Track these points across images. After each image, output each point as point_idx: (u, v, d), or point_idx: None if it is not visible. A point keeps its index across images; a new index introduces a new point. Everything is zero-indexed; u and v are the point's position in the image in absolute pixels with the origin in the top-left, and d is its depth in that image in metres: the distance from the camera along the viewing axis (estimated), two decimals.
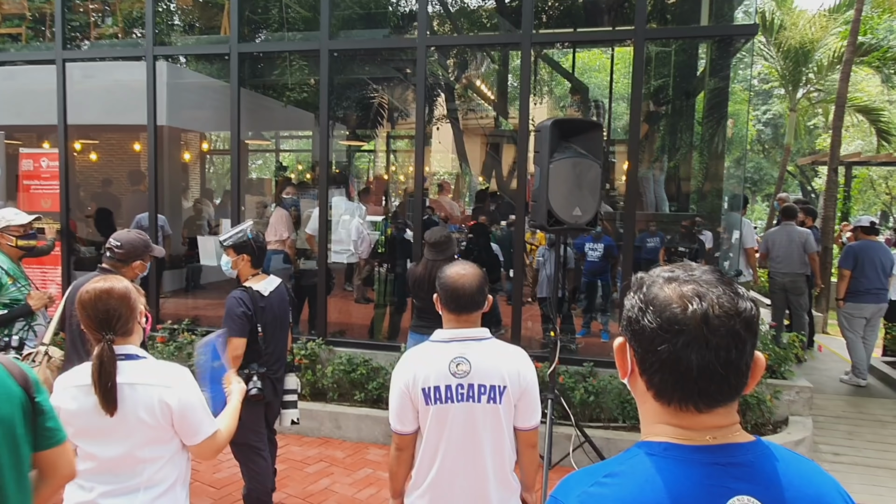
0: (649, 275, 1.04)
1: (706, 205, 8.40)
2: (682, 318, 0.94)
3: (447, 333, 2.30)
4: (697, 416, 0.97)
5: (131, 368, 2.03)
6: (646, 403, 1.02)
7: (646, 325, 0.97)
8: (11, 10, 8.61)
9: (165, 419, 2.02)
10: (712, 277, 0.99)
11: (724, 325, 0.93)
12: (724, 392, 0.95)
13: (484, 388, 2.20)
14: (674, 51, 9.04)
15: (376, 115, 12.29)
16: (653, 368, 0.97)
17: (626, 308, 1.03)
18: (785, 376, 5.41)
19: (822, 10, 13.63)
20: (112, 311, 2.03)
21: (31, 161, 6.64)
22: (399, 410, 2.27)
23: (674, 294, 0.97)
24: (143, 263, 3.33)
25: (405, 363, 2.29)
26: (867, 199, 20.54)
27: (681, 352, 0.93)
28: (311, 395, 5.58)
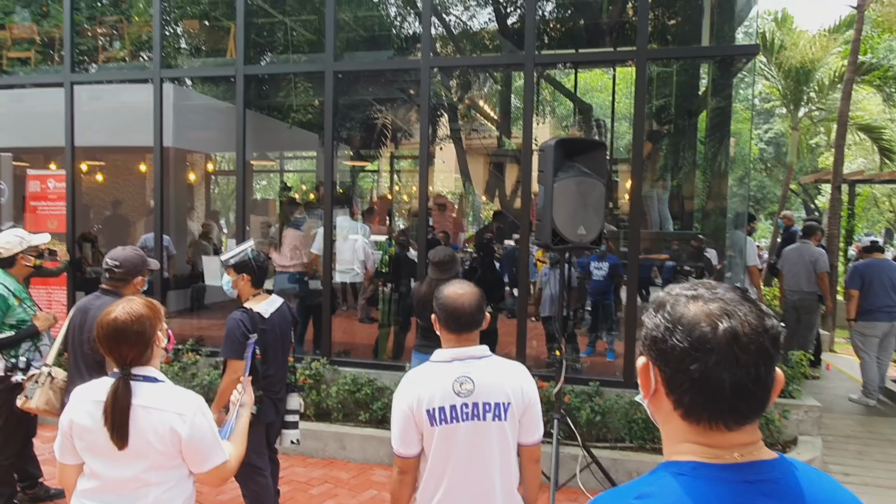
0: (669, 294, 1.04)
1: (710, 223, 8.41)
2: (713, 336, 0.94)
3: (448, 353, 2.28)
4: (727, 434, 0.97)
5: (147, 391, 2.02)
6: (671, 423, 1.02)
7: (675, 344, 0.96)
8: (21, 34, 8.74)
9: (174, 446, 2.01)
10: (735, 295, 0.99)
11: (754, 343, 0.93)
12: (754, 409, 0.96)
13: (489, 405, 2.19)
14: (675, 71, 9.12)
15: (380, 136, 12.38)
16: (683, 388, 0.96)
17: (649, 328, 1.02)
18: (793, 395, 5.36)
19: (822, 30, 13.71)
20: (128, 343, 2.03)
21: (38, 182, 6.69)
22: (402, 433, 2.23)
23: (701, 313, 0.96)
24: (143, 279, 3.34)
25: (407, 385, 2.26)
26: (871, 216, 20.52)
27: (712, 370, 0.93)
28: (316, 415, 5.54)
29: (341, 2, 9.24)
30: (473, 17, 10.97)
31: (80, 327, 3.22)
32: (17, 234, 4.04)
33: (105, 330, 2.04)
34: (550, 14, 10.23)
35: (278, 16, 9.14)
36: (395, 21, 10.59)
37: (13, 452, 3.98)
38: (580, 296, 7.61)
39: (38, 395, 3.41)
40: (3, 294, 3.82)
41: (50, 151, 8.63)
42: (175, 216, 9.56)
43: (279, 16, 9.16)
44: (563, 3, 9.80)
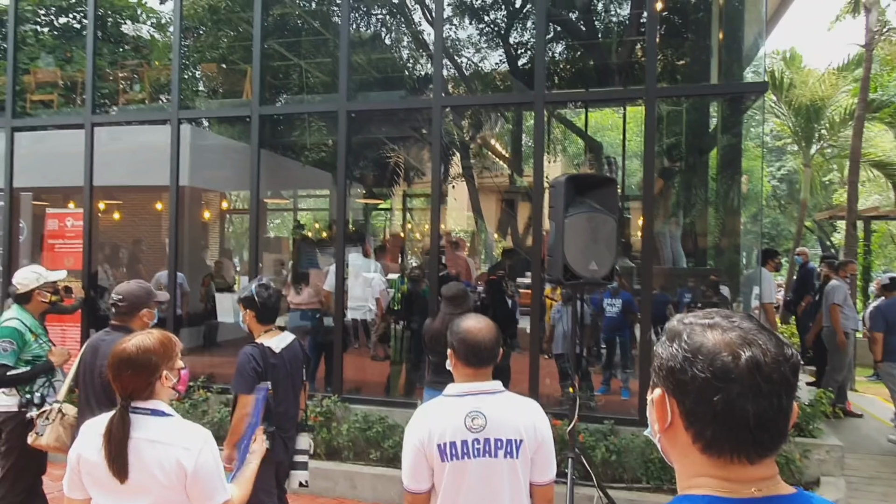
0: (683, 323, 1.01)
1: (724, 260, 8.35)
2: (735, 366, 0.91)
3: (461, 387, 2.26)
4: (747, 468, 0.94)
5: (154, 425, 2.01)
6: (688, 457, 0.98)
7: (695, 374, 0.93)
8: (45, 78, 9.02)
9: (179, 481, 1.98)
10: (753, 324, 0.98)
11: (776, 372, 0.92)
12: (776, 440, 0.94)
13: (500, 442, 2.16)
14: (685, 109, 9.20)
15: (393, 174, 12.53)
16: (705, 420, 0.93)
17: (664, 358, 0.99)
18: (814, 435, 5.22)
19: (830, 69, 13.85)
20: (130, 374, 2.03)
21: (56, 220, 6.80)
22: (413, 468, 2.19)
23: (721, 342, 0.94)
24: (150, 311, 3.32)
25: (419, 419, 2.24)
26: (888, 253, 20.29)
27: (736, 401, 0.91)
28: (326, 453, 5.47)
29: (355, 44, 9.49)
30: (485, 58, 11.21)
31: (90, 364, 3.22)
32: (34, 270, 4.09)
33: (113, 358, 2.05)
34: (560, 55, 10.43)
35: (294, 58, 9.39)
36: (407, 63, 10.83)
37: (23, 489, 3.95)
38: (593, 333, 7.54)
39: (48, 431, 3.40)
40: (20, 330, 3.85)
41: (69, 191, 8.81)
42: (189, 254, 9.66)
43: (294, 59, 9.40)
44: (573, 44, 9.99)
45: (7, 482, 3.90)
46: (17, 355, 3.82)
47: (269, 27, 9.11)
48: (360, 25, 10.37)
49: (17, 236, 7.10)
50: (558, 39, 10.14)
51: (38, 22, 11.91)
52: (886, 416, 7.56)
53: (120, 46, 11.84)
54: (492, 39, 10.91)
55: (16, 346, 3.79)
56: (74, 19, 12.06)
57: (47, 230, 6.83)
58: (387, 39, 10.80)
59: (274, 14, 8.96)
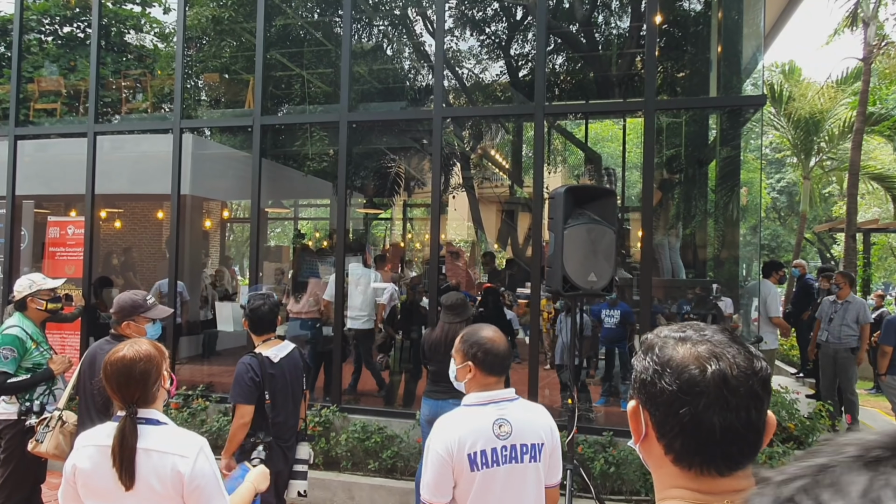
0: (658, 336, 1.02)
1: (724, 271, 8.36)
2: (702, 379, 0.92)
3: (482, 396, 2.27)
4: (718, 480, 0.94)
5: (150, 434, 2.00)
6: (662, 468, 0.99)
7: (664, 387, 0.95)
8: (48, 87, 9.08)
9: (176, 490, 1.97)
10: (724, 337, 0.98)
11: (743, 386, 0.92)
12: (746, 453, 0.94)
13: (526, 447, 2.20)
14: (685, 121, 9.24)
15: (393, 184, 12.56)
16: (673, 432, 0.94)
17: (639, 370, 1.01)
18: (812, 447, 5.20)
19: (829, 82, 13.92)
20: (134, 382, 2.03)
21: (57, 228, 6.82)
22: (437, 480, 2.15)
23: (689, 355, 0.95)
24: (137, 325, 3.28)
25: (445, 429, 2.21)
26: (888, 266, 20.28)
27: (703, 414, 0.91)
28: (325, 463, 5.46)
29: (357, 55, 9.55)
30: (486, 69, 11.27)
31: (89, 372, 3.23)
32: (29, 277, 4.10)
33: (112, 367, 2.04)
34: (561, 66, 10.49)
35: (296, 69, 9.44)
36: (409, 74, 10.89)
37: (22, 498, 3.94)
38: (593, 344, 7.53)
39: (48, 439, 3.41)
40: (21, 337, 3.86)
41: (71, 199, 8.84)
42: (190, 262, 9.67)
43: (297, 69, 9.46)
44: (574, 56, 10.06)
45: (5, 490, 3.90)
46: (18, 363, 3.82)
47: (272, 38, 9.17)
48: (363, 36, 10.44)
49: (19, 244, 7.12)
50: (559, 51, 10.20)
51: (42, 31, 12.00)
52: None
53: (123, 56, 11.92)
54: (493, 51, 10.98)
55: (16, 353, 3.80)
56: (79, 28, 12.15)
57: (49, 238, 6.85)
58: (388, 50, 10.87)
59: (276, 25, 9.02)
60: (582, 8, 9.24)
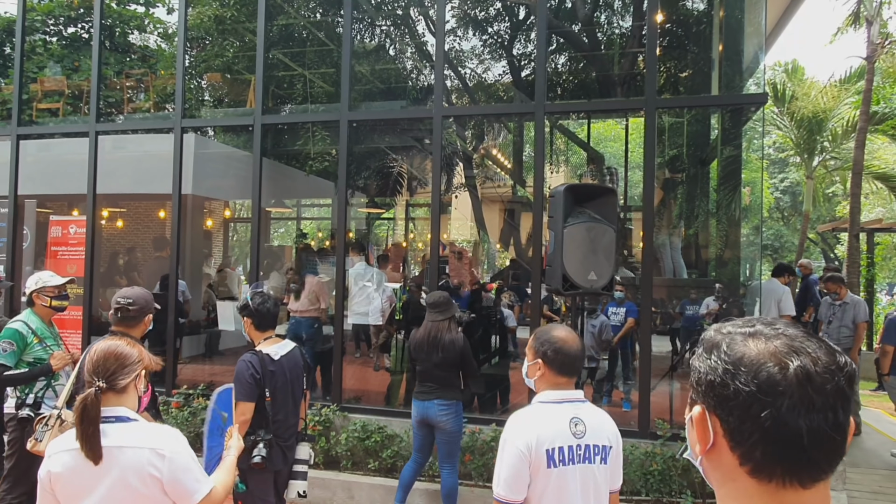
0: (720, 332, 0.93)
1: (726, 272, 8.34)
2: (783, 378, 0.83)
3: (557, 395, 2.27)
4: (801, 494, 0.84)
5: (121, 431, 1.97)
6: (735, 482, 0.88)
7: (738, 388, 0.85)
8: (51, 87, 9.11)
9: (155, 485, 1.95)
10: (799, 331, 0.89)
11: (829, 383, 0.83)
12: (831, 460, 0.84)
13: (598, 448, 2.21)
14: (687, 120, 9.23)
15: (395, 184, 12.57)
16: (752, 439, 0.84)
17: (703, 372, 0.91)
18: None
19: (832, 81, 13.88)
20: (110, 362, 2.03)
21: (59, 228, 6.85)
22: (514, 476, 2.13)
23: (765, 351, 0.86)
24: (150, 317, 3.38)
25: (523, 424, 2.21)
26: (892, 265, 20.21)
27: (786, 416, 0.81)
28: (325, 463, 5.46)
29: (359, 55, 9.56)
30: (488, 69, 11.27)
31: None
32: (38, 275, 4.19)
33: (97, 351, 2.04)
34: (563, 66, 10.48)
35: (298, 69, 9.45)
36: (411, 73, 10.90)
37: (23, 492, 3.96)
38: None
39: (47, 437, 3.41)
40: (23, 332, 3.90)
41: (74, 198, 8.86)
42: (192, 262, 9.69)
43: (299, 69, 9.47)
44: (576, 55, 10.05)
45: (7, 482, 3.94)
46: (18, 356, 3.86)
47: (274, 37, 9.18)
48: (365, 36, 10.45)
49: (22, 243, 7.14)
50: (561, 51, 10.20)
51: (46, 32, 12.04)
52: (891, 431, 7.51)
53: (127, 56, 11.95)
54: (495, 51, 10.98)
55: (16, 347, 3.84)
56: (83, 29, 12.19)
57: (51, 237, 6.88)
58: (391, 50, 10.88)
59: (278, 24, 9.04)
60: (584, 7, 9.22)
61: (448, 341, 4.51)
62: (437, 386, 4.54)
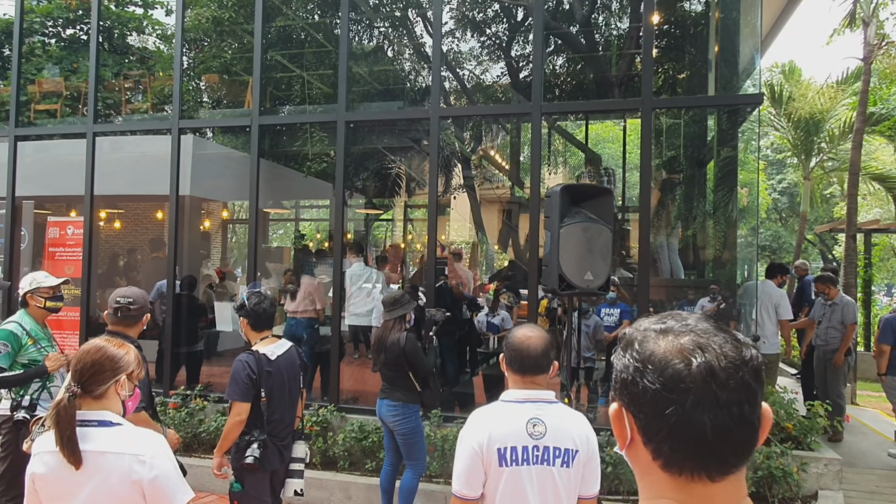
0: (638, 329, 0.94)
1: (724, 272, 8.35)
2: (687, 374, 0.83)
3: (521, 394, 2.27)
4: (710, 487, 0.85)
5: (103, 436, 1.96)
6: (650, 475, 0.90)
7: (647, 386, 0.86)
8: (50, 88, 9.12)
9: (136, 490, 1.94)
10: (708, 325, 0.90)
11: (733, 378, 0.83)
12: (739, 454, 0.85)
13: (559, 451, 2.18)
14: (684, 122, 9.24)
15: (394, 185, 12.58)
16: (661, 435, 0.85)
17: (619, 369, 0.92)
18: (812, 448, 5.20)
19: (829, 82, 13.91)
20: (87, 368, 2.01)
21: (57, 228, 6.86)
22: (468, 472, 2.17)
23: (672, 348, 0.87)
24: (149, 316, 3.39)
25: (477, 422, 2.23)
26: (890, 267, 20.23)
27: (691, 413, 0.82)
28: (322, 463, 5.47)
29: (357, 57, 9.57)
30: (486, 71, 11.28)
31: None
32: (32, 275, 4.16)
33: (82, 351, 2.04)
34: (561, 67, 10.50)
35: (296, 70, 9.47)
36: (409, 75, 10.91)
37: (17, 494, 3.96)
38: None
39: None
40: (17, 333, 3.88)
41: (72, 200, 8.87)
42: (189, 263, 9.69)
43: (297, 70, 9.48)
44: (574, 57, 10.06)
45: (1, 485, 3.92)
46: (13, 358, 3.84)
47: (273, 39, 9.20)
48: (363, 38, 10.47)
49: (19, 244, 7.15)
50: (559, 53, 10.21)
51: (45, 34, 12.05)
52: (888, 431, 7.51)
53: (125, 58, 11.96)
54: (493, 52, 10.99)
55: (10, 348, 3.82)
56: (81, 31, 12.20)
57: (48, 238, 6.88)
58: (389, 52, 10.89)
59: (277, 26, 9.05)
60: (581, 9, 9.24)
61: (391, 341, 4.43)
62: (388, 386, 4.51)
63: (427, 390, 4.53)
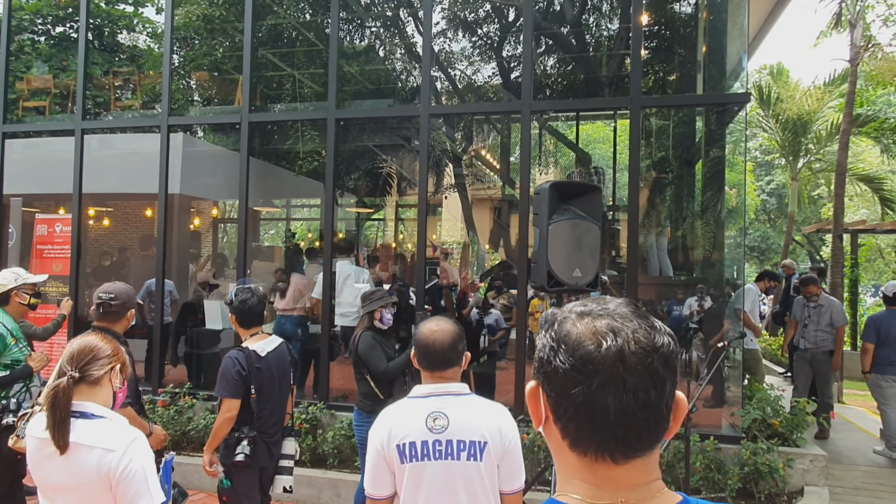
0: (563, 310, 0.94)
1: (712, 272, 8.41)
2: (597, 356, 0.84)
3: (425, 389, 2.22)
4: (614, 469, 0.86)
5: (80, 427, 1.96)
6: (561, 454, 0.90)
7: (558, 365, 0.86)
8: (38, 85, 9.07)
9: (103, 484, 1.93)
10: (627, 311, 0.90)
11: (641, 363, 0.84)
12: (644, 438, 0.85)
13: (463, 444, 2.10)
14: (673, 123, 9.31)
15: (385, 184, 12.59)
16: (567, 414, 0.86)
17: (538, 348, 0.92)
18: (798, 444, 5.25)
19: (817, 84, 14.05)
20: (84, 354, 2.03)
21: (45, 226, 6.82)
22: (374, 472, 2.14)
23: (587, 330, 0.87)
24: (134, 312, 3.37)
25: (380, 420, 2.19)
26: (876, 267, 20.43)
27: (596, 394, 0.83)
28: (311, 461, 5.46)
29: (349, 56, 9.58)
30: (478, 71, 11.30)
31: None
32: (14, 271, 4.10)
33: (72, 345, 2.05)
34: (552, 68, 10.54)
35: (287, 69, 9.46)
36: (400, 75, 10.92)
37: (1, 493, 3.93)
38: None
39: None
40: (2, 333, 3.81)
41: (61, 198, 8.81)
42: (179, 262, 9.66)
43: (288, 69, 9.48)
44: (564, 57, 10.11)
45: None
46: None
47: (264, 37, 9.18)
48: (354, 37, 10.47)
49: (7, 241, 7.10)
50: (550, 53, 10.25)
51: (34, 31, 11.98)
52: (873, 428, 7.60)
53: (116, 56, 11.90)
54: (485, 53, 11.02)
55: None
56: (71, 28, 12.14)
57: (36, 236, 6.85)
58: (380, 51, 10.90)
59: (268, 24, 9.04)
60: (572, 10, 9.29)
61: (353, 339, 4.37)
62: (358, 388, 4.42)
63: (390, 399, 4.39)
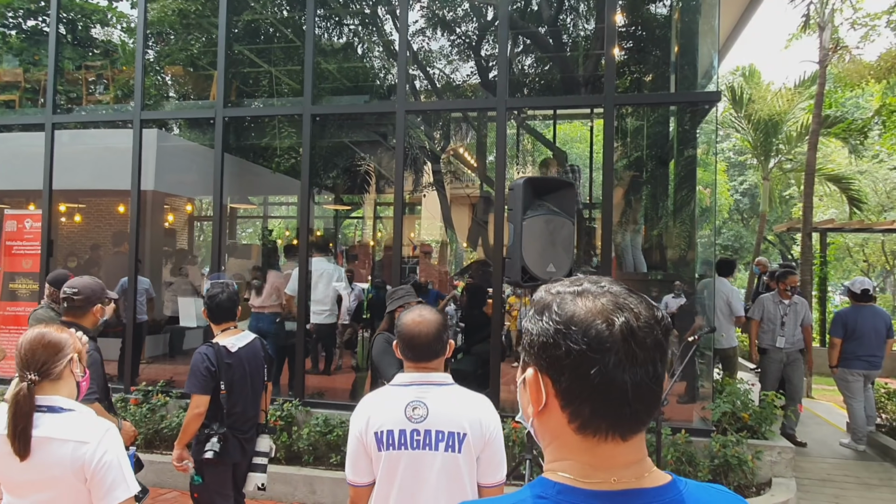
0: (550, 293, 0.92)
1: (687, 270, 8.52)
2: (609, 334, 0.84)
3: (407, 377, 2.21)
4: (619, 447, 0.87)
5: (50, 422, 1.93)
6: (559, 439, 0.90)
7: (570, 348, 0.85)
8: (8, 79, 8.90)
9: (78, 477, 1.90)
10: (621, 288, 0.91)
11: (649, 337, 0.85)
12: (651, 411, 0.87)
13: (442, 434, 2.09)
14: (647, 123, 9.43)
15: (363, 182, 12.56)
16: (582, 397, 0.85)
17: (535, 333, 0.90)
18: (766, 437, 5.36)
19: (787, 85, 14.36)
20: (39, 352, 1.97)
21: (14, 222, 6.70)
22: (353, 459, 2.15)
23: (593, 309, 0.86)
24: (102, 307, 3.31)
25: (359, 408, 2.20)
26: (845, 266, 20.91)
27: (613, 373, 0.83)
28: (286, 458, 5.44)
29: (326, 53, 9.54)
30: (456, 70, 11.32)
31: None
32: None
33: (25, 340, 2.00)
34: (529, 68, 10.60)
35: (263, 65, 9.39)
36: (378, 72, 10.90)
37: None
38: None
39: None
40: None
41: (32, 194, 8.66)
42: (153, 260, 9.54)
43: (265, 65, 9.41)
44: (542, 58, 10.17)
45: None
46: None
47: (241, 33, 9.11)
48: (332, 35, 10.43)
49: None
50: (527, 53, 10.31)
51: (5, 25, 11.74)
52: (840, 422, 7.78)
53: (90, 51, 11.71)
54: (463, 52, 11.04)
55: None
56: (43, 22, 11.91)
57: (5, 232, 6.73)
58: (358, 49, 10.87)
59: (244, 20, 8.97)
60: (549, 10, 9.36)
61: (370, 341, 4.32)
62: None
63: None
